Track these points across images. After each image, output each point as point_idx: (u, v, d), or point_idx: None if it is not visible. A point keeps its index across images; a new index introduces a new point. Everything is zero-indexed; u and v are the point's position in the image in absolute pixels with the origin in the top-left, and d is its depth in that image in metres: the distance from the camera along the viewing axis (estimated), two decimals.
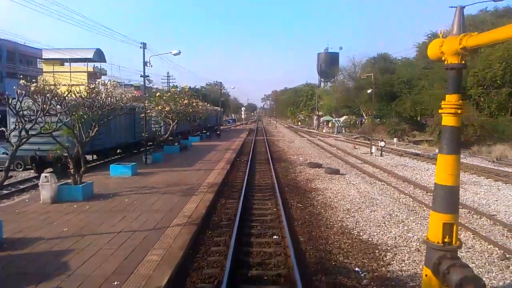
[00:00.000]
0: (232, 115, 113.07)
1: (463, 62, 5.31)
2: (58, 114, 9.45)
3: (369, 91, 31.64)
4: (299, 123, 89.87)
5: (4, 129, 9.52)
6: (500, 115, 38.12)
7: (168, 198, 11.27)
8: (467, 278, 4.73)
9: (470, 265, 6.94)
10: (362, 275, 6.57)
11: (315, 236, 8.58)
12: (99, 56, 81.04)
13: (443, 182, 5.45)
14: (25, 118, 7.90)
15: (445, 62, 5.45)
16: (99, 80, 12.51)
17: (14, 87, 9.19)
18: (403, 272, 6.68)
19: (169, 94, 21.57)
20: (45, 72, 70.52)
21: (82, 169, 11.36)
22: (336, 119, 56.66)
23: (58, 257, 6.73)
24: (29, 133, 8.35)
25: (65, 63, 75.63)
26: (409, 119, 48.58)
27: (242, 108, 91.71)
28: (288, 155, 25.26)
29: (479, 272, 6.73)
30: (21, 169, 20.71)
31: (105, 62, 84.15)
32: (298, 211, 10.69)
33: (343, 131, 52.22)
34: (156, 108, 19.35)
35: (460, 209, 11.02)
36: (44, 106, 7.93)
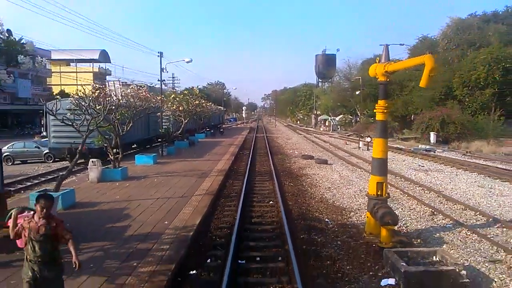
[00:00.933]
0: (234, 114, 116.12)
1: (388, 80, 8.37)
2: (113, 113, 12.47)
3: (357, 92, 34.49)
4: (298, 122, 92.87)
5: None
6: (482, 114, 41.08)
7: (187, 179, 14.27)
8: (386, 213, 7.80)
9: (407, 219, 10.03)
10: (329, 222, 9.59)
11: (300, 202, 11.61)
12: (104, 57, 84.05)
13: (376, 156, 8.54)
14: (96, 116, 10.92)
15: (378, 79, 8.50)
16: (132, 85, 15.35)
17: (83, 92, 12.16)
18: (358, 222, 9.67)
19: (182, 95, 24.57)
20: (53, 72, 73.55)
21: (120, 156, 14.38)
22: (332, 118, 59.68)
23: (121, 211, 9.75)
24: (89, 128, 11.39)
25: (71, 64, 78.62)
26: (400, 118, 51.48)
27: (243, 108, 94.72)
28: (285, 149, 28.31)
29: (412, 222, 9.73)
30: (51, 161, 23.74)
31: (110, 62, 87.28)
32: (289, 188, 13.72)
33: (339, 129, 55.22)
34: (172, 107, 22.31)
35: (416, 187, 14.11)
36: (106, 108, 10.93)
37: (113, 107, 11.69)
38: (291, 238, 7.75)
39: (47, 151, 23.50)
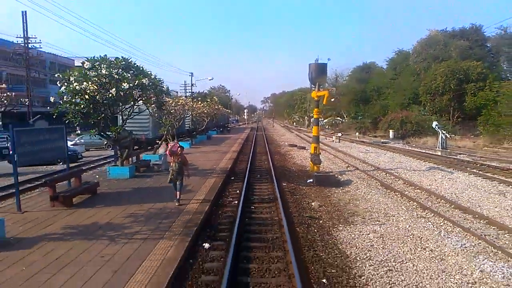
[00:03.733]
0: (236, 116, 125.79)
1: (318, 99, 17.90)
2: (181, 116, 21.99)
3: (332, 99, 43.96)
4: (294, 123, 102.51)
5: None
6: (440, 116, 50.54)
7: (216, 154, 23.73)
8: (315, 159, 17.40)
9: (334, 169, 19.53)
10: (294, 169, 19.11)
11: (282, 163, 21.13)
12: None
13: (314, 134, 18.18)
14: (171, 116, 20.39)
15: (314, 99, 18.06)
16: (182, 98, 24.78)
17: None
18: (308, 169, 19.16)
19: (205, 102, 33.98)
20: None
21: (176, 141, 23.83)
22: (321, 119, 69.32)
23: (206, 156, 19.20)
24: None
25: None
26: (378, 120, 60.92)
27: (245, 110, 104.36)
28: (278, 141, 37.90)
29: (335, 169, 19.17)
30: (110, 149, 33.11)
31: None
32: (277, 158, 23.24)
33: (326, 128, 64.83)
34: (199, 111, 31.71)
35: (351, 158, 23.67)
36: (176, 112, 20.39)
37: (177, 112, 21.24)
38: (273, 171, 17.25)
39: None
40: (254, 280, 6.23)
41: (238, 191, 13.07)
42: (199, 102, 31.82)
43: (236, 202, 11.59)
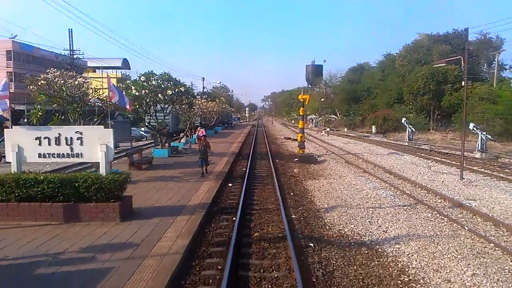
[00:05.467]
0: (237, 114, 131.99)
1: (303, 101, 24.21)
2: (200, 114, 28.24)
3: (322, 99, 50.11)
4: (293, 121, 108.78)
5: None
6: (420, 114, 56.71)
7: (225, 144, 29.96)
8: (301, 144, 23.72)
9: (316, 153, 25.93)
10: (286, 153, 25.38)
11: (277, 150, 27.41)
12: (125, 64, 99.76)
13: (300, 127, 24.49)
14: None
15: (300, 100, 24.37)
16: (199, 99, 31.00)
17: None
18: (296, 152, 25.43)
19: (214, 102, 40.17)
20: (91, 77, 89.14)
21: (192, 133, 30.06)
22: (315, 117, 75.58)
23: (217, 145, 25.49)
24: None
25: (97, 70, 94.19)
26: (364, 117, 66.82)
27: (246, 108, 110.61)
28: (276, 135, 44.22)
29: (317, 152, 25.41)
30: (134, 141, 39.35)
31: (130, 69, 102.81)
32: (273, 147, 29.51)
33: (319, 125, 71.12)
34: (210, 109, 37.94)
35: (332, 146, 30.15)
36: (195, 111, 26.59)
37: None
38: (270, 154, 23.50)
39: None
40: (257, 194, 12.53)
41: (245, 164, 19.32)
42: (209, 102, 38.10)
43: (245, 169, 17.82)
